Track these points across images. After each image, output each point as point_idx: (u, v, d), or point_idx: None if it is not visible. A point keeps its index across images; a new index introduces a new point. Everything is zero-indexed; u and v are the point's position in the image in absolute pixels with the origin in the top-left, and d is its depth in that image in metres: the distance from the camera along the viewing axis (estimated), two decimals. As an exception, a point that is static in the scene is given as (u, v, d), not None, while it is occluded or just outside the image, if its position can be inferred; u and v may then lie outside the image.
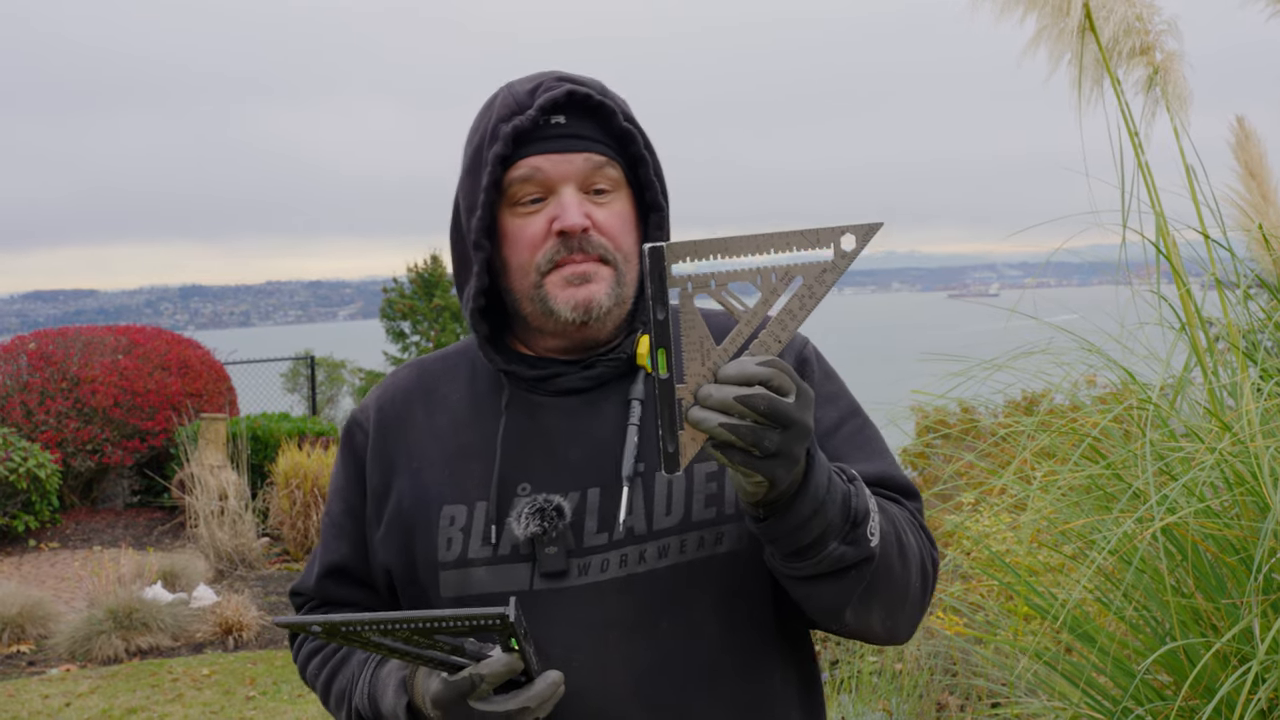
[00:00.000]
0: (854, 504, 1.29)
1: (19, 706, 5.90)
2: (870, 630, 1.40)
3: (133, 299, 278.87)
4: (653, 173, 1.50)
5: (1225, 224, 2.95)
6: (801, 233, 1.17)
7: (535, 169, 1.44)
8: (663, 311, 1.14)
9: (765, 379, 1.15)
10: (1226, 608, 2.32)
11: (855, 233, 1.17)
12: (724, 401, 1.14)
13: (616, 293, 1.46)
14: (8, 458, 8.92)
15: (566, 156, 1.44)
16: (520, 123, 1.43)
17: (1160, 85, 2.93)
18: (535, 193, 1.45)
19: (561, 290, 1.44)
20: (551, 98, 1.44)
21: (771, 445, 1.16)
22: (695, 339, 1.17)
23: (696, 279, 1.17)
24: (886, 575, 1.35)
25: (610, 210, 1.47)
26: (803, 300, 1.19)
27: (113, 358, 10.53)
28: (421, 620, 1.21)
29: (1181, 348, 2.74)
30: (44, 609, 7.16)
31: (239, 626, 7.03)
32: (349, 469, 1.60)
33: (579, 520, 1.44)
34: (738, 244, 1.16)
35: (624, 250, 1.47)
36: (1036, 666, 2.67)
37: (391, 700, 1.41)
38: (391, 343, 22.68)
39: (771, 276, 1.18)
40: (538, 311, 1.47)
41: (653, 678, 1.42)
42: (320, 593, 1.61)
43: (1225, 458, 2.30)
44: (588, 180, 1.45)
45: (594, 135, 1.47)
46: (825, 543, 1.27)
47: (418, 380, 1.61)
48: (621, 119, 1.47)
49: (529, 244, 1.45)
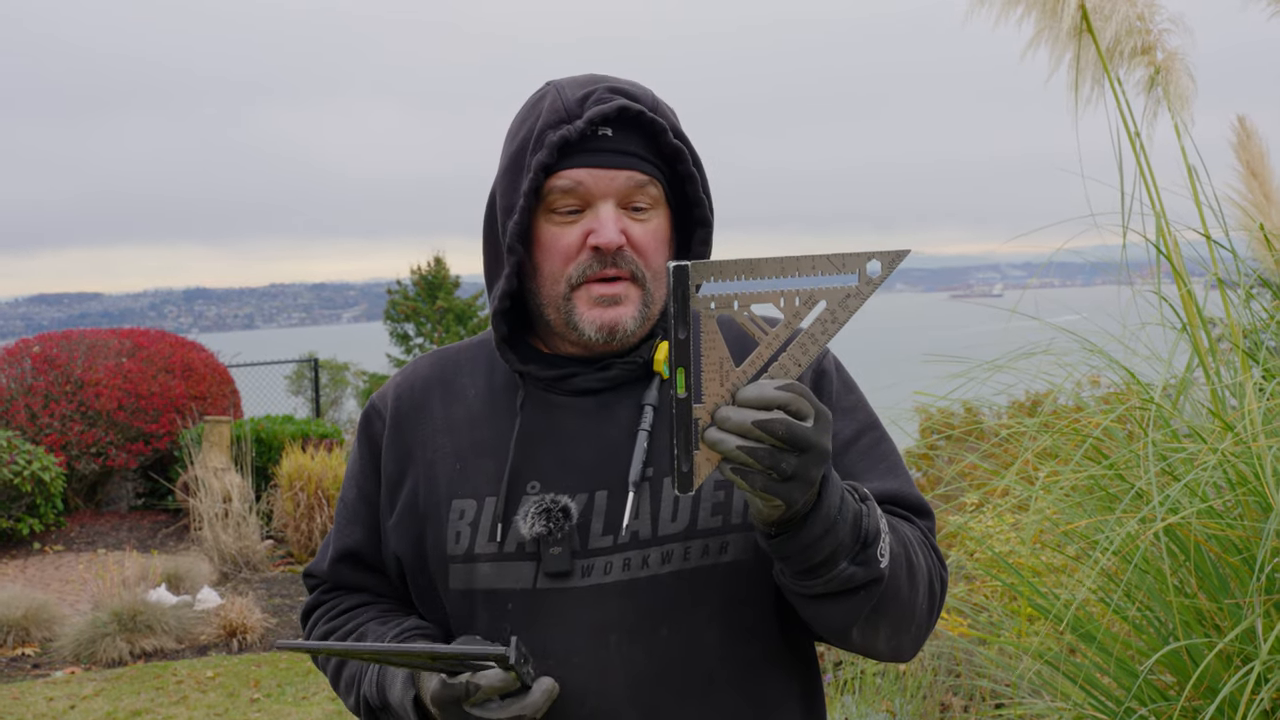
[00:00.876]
0: (865, 524, 1.29)
1: (23, 709, 5.91)
2: (875, 649, 1.41)
3: (137, 302, 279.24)
4: (701, 190, 1.49)
5: (1227, 224, 2.95)
6: (828, 257, 1.16)
7: (577, 182, 1.43)
8: (684, 331, 1.13)
9: (784, 403, 1.15)
10: (1229, 608, 2.32)
11: (881, 259, 1.16)
12: (741, 425, 1.14)
13: (643, 313, 1.46)
14: (12, 461, 8.93)
15: (610, 173, 1.43)
16: (568, 133, 1.41)
17: (1162, 85, 2.93)
18: (574, 204, 1.44)
19: (589, 309, 1.44)
20: (602, 112, 1.42)
21: (788, 469, 1.16)
22: (715, 359, 1.16)
23: (720, 299, 1.16)
24: (894, 596, 1.35)
25: (646, 228, 1.46)
26: (825, 324, 1.18)
27: (117, 361, 10.54)
28: (427, 655, 1.27)
29: (1184, 348, 2.74)
30: (49, 612, 7.16)
31: (243, 629, 7.03)
32: (365, 456, 1.60)
33: (585, 522, 1.44)
34: (763, 266, 1.15)
35: (654, 269, 1.46)
36: (1040, 667, 2.67)
37: (400, 692, 1.43)
38: (395, 345, 22.69)
39: (795, 299, 1.17)
40: (562, 322, 1.47)
41: (650, 683, 1.42)
42: (333, 576, 1.63)
43: (1228, 458, 2.30)
44: (628, 197, 1.44)
45: (640, 152, 1.45)
46: (835, 562, 1.27)
47: (438, 370, 1.61)
48: (671, 136, 1.46)
49: (563, 254, 1.44)
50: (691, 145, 1.49)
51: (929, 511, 1.51)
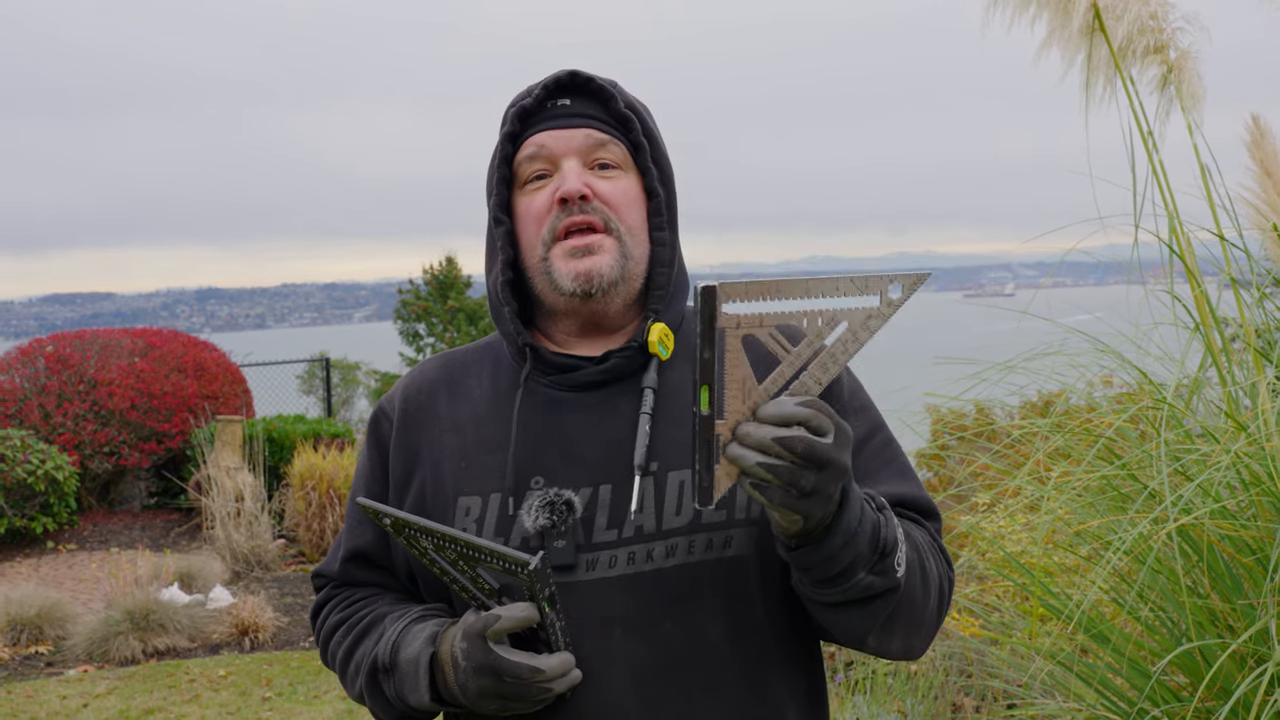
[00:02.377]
0: (884, 534, 1.31)
1: (37, 707, 5.94)
2: (888, 651, 1.43)
3: (149, 302, 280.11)
4: (649, 159, 1.54)
5: (1240, 223, 2.94)
6: (851, 279, 1.19)
7: (540, 145, 1.51)
8: (709, 351, 1.16)
9: (804, 420, 1.17)
10: (1243, 608, 2.32)
11: (902, 281, 1.20)
12: (762, 441, 1.16)
13: (621, 265, 1.49)
14: (26, 460, 8.97)
15: (568, 133, 1.51)
16: (527, 104, 1.52)
17: (1174, 84, 2.91)
18: (541, 169, 1.52)
19: (565, 262, 1.48)
20: (555, 78, 1.54)
21: (807, 485, 1.18)
22: (738, 377, 1.19)
23: (745, 319, 1.18)
24: (909, 603, 1.37)
25: (614, 185, 1.52)
26: (845, 345, 1.21)
27: (129, 360, 10.58)
28: (465, 544, 1.33)
29: (1196, 348, 2.73)
30: (62, 610, 7.20)
31: (255, 628, 7.06)
32: (374, 457, 1.62)
33: (589, 516, 1.45)
34: (787, 287, 1.18)
35: (629, 224, 1.51)
36: (1052, 667, 2.67)
37: (418, 648, 1.43)
38: (406, 344, 22.74)
39: (818, 320, 1.20)
40: (546, 286, 1.51)
41: (654, 677, 1.42)
42: (343, 576, 1.64)
43: (1241, 458, 2.29)
44: (590, 155, 1.52)
45: (597, 114, 1.53)
46: (854, 572, 1.29)
47: (444, 372, 1.63)
48: (621, 104, 1.54)
49: (535, 217, 1.51)
50: (646, 118, 1.57)
51: (937, 514, 1.54)
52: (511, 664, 1.34)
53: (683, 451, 1.46)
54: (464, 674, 1.37)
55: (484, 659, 1.35)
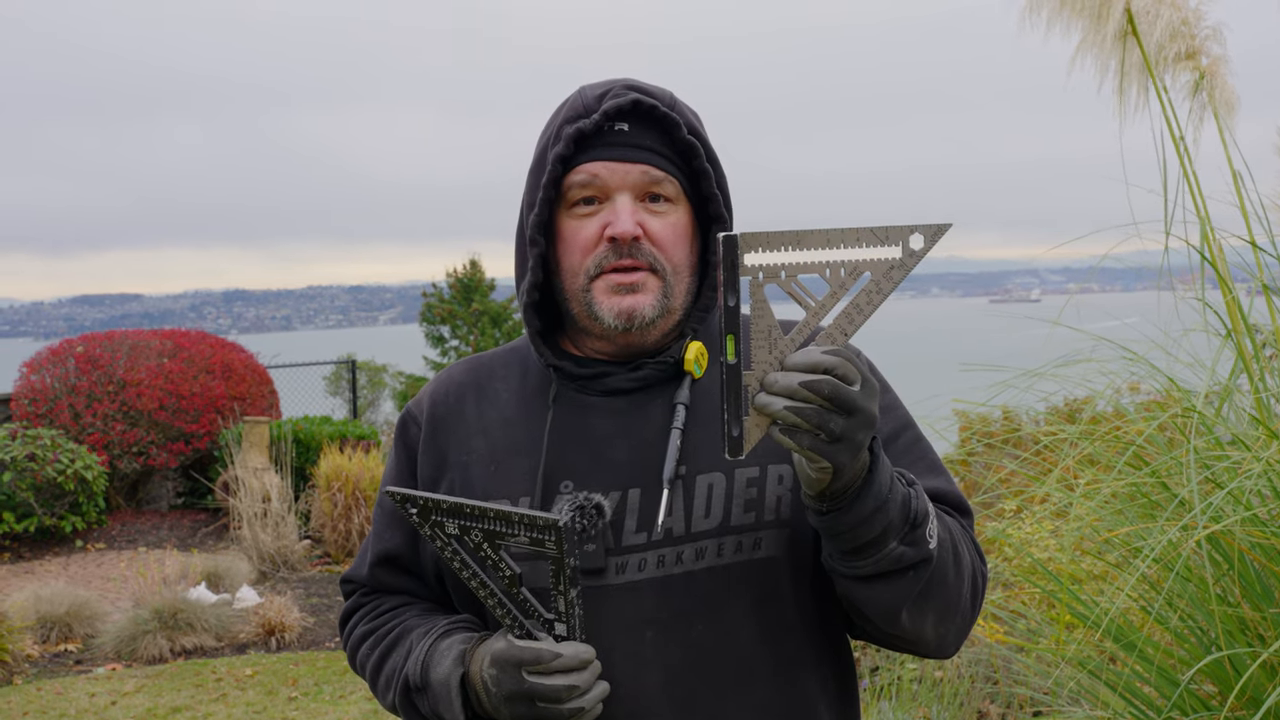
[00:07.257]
0: (914, 505, 1.31)
1: (66, 704, 5.99)
2: (922, 636, 1.41)
3: (177, 303, 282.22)
4: (714, 185, 1.51)
5: (1272, 229, 2.92)
6: (872, 230, 1.20)
7: (593, 175, 1.46)
8: (733, 298, 1.17)
9: (830, 367, 1.17)
10: (1273, 617, 2.30)
11: (924, 232, 1.20)
12: (789, 387, 1.17)
13: (662, 304, 1.47)
14: (56, 459, 9.05)
15: (625, 166, 1.46)
16: (584, 126, 1.46)
17: (1206, 90, 2.90)
18: (592, 196, 1.47)
19: (607, 297, 1.46)
20: (616, 105, 1.46)
21: (837, 429, 1.18)
22: (763, 327, 1.20)
23: (767, 269, 1.19)
24: (941, 580, 1.36)
25: (665, 221, 1.48)
26: (870, 295, 1.21)
27: (158, 361, 10.66)
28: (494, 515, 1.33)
29: (1227, 354, 2.71)
30: (91, 609, 7.26)
31: (281, 627, 7.10)
32: (402, 461, 1.62)
33: (619, 519, 1.45)
34: (809, 238, 1.19)
35: (674, 262, 1.48)
36: (1079, 675, 2.66)
37: (447, 669, 1.43)
38: (431, 347, 22.81)
39: (841, 271, 1.21)
40: (584, 314, 1.49)
41: (686, 678, 1.43)
42: (372, 580, 1.65)
43: (1272, 466, 2.28)
44: (644, 191, 1.47)
45: (655, 146, 1.48)
46: (885, 541, 1.29)
47: (472, 375, 1.63)
48: (685, 131, 1.48)
49: (581, 247, 1.47)
50: (707, 142, 1.52)
51: (970, 510, 1.53)
52: (545, 687, 1.34)
53: (712, 452, 1.46)
54: (495, 699, 1.38)
55: (515, 687, 1.35)
